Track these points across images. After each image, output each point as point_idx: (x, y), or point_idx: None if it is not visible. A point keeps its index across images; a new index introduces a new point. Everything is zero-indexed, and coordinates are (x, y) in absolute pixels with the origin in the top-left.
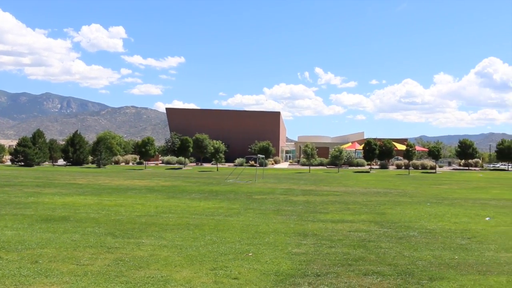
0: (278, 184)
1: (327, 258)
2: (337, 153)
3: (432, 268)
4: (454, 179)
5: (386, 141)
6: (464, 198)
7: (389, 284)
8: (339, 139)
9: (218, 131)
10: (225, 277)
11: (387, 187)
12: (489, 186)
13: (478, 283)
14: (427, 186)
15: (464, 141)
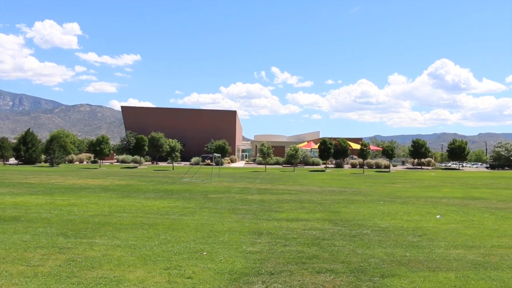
0: (234, 183)
1: (281, 257)
2: (293, 152)
3: (384, 265)
4: (407, 178)
5: (341, 141)
6: (417, 197)
7: (341, 282)
8: (295, 138)
9: (174, 129)
10: (179, 277)
11: (342, 186)
12: (440, 185)
13: (428, 279)
14: (381, 185)
15: (417, 140)
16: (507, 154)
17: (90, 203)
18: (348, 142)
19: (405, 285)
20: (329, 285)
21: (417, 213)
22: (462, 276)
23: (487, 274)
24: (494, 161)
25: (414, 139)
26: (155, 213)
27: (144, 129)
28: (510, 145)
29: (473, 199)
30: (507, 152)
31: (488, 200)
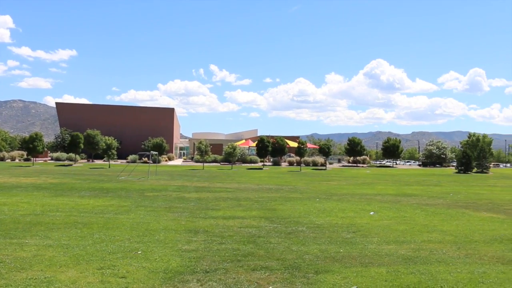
0: (171, 181)
1: (217, 255)
2: (230, 150)
3: (319, 262)
4: (343, 176)
5: (279, 139)
6: (352, 194)
7: (276, 278)
8: (233, 136)
9: (111, 127)
10: (113, 276)
11: (279, 184)
12: (375, 182)
13: (360, 274)
14: (317, 182)
15: (353, 139)
16: (438, 152)
17: (22, 202)
18: (285, 140)
19: (338, 280)
20: (263, 282)
21: (351, 210)
22: (393, 270)
23: (416, 268)
24: (426, 159)
25: (350, 137)
26: (89, 212)
27: (79, 126)
28: (441, 143)
29: (406, 196)
30: (438, 150)
31: (420, 197)
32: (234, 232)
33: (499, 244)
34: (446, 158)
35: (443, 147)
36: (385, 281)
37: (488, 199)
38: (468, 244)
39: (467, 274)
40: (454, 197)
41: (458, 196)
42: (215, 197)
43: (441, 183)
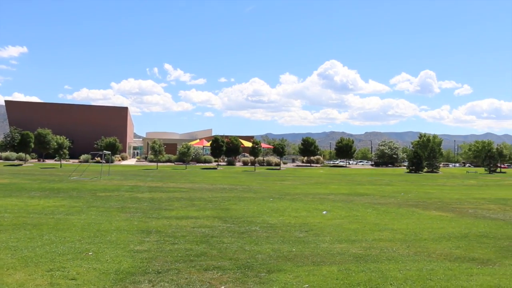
0: (124, 181)
1: (169, 255)
2: (185, 149)
3: (271, 261)
4: (296, 175)
5: (233, 138)
6: (305, 193)
7: (228, 278)
8: (188, 135)
9: (63, 126)
10: (62, 278)
11: (233, 183)
12: (328, 182)
13: (312, 273)
14: (271, 182)
15: (307, 139)
16: (390, 152)
17: None
18: (240, 140)
19: (290, 279)
20: (216, 282)
21: (304, 210)
22: (344, 269)
23: (367, 267)
24: (379, 158)
25: (304, 137)
26: (39, 212)
27: (30, 125)
28: (393, 143)
29: (358, 195)
30: (390, 150)
31: (372, 196)
32: (187, 232)
33: (447, 241)
34: (398, 158)
35: (395, 147)
36: (336, 280)
37: (438, 198)
38: (417, 242)
39: (415, 272)
40: (405, 196)
41: (409, 195)
42: (169, 197)
43: (393, 183)
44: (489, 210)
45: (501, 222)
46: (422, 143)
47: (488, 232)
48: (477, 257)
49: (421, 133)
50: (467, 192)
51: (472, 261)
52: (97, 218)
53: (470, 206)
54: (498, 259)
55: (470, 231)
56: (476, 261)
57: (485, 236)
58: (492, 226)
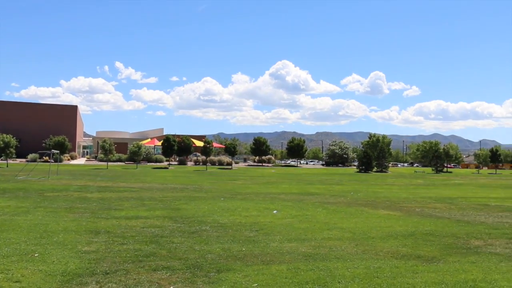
0: (73, 180)
1: (118, 255)
2: (135, 149)
3: (221, 261)
4: (248, 175)
5: (185, 138)
6: (256, 193)
7: (177, 278)
8: (139, 134)
9: (9, 124)
10: (6, 281)
11: (184, 183)
12: (279, 181)
13: (261, 272)
14: (222, 181)
15: (258, 138)
16: (340, 152)
17: None
18: (191, 139)
19: (239, 278)
20: (165, 282)
21: (255, 209)
22: (293, 268)
23: (316, 265)
24: (329, 158)
25: (256, 137)
26: None
27: None
28: (343, 143)
29: (309, 194)
30: (341, 150)
31: (322, 195)
32: (137, 232)
33: (394, 240)
34: (348, 158)
35: (345, 147)
36: (285, 278)
37: (386, 197)
38: (366, 240)
39: (363, 270)
40: (354, 195)
41: (358, 195)
42: (119, 197)
43: (343, 182)
44: (435, 209)
45: (446, 221)
46: (371, 143)
47: (434, 230)
48: (423, 255)
49: (371, 133)
50: (414, 191)
51: (418, 258)
52: (44, 218)
53: (417, 205)
54: (443, 256)
55: (416, 230)
56: (422, 258)
57: (431, 234)
58: (437, 225)
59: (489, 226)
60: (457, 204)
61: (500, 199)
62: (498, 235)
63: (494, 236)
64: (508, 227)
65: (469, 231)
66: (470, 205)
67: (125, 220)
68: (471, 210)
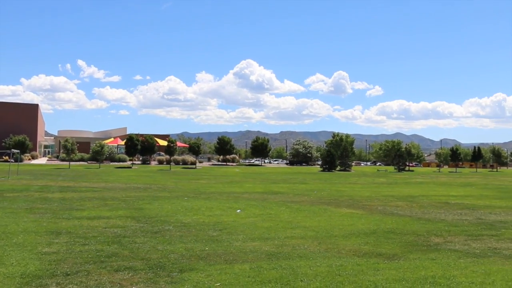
0: (34, 180)
1: (79, 256)
2: (98, 148)
3: (184, 260)
4: (212, 174)
5: (149, 137)
6: (220, 192)
7: (140, 279)
8: (101, 134)
9: None
10: None
11: (148, 183)
12: (243, 181)
13: (224, 271)
14: (186, 181)
15: (223, 138)
16: (304, 151)
17: None
18: (155, 138)
19: (202, 278)
20: (127, 282)
21: (219, 208)
22: (256, 267)
23: (279, 264)
24: (293, 157)
25: (220, 136)
26: None
27: None
28: (307, 143)
29: (272, 193)
30: (305, 149)
31: (286, 194)
32: (99, 233)
33: (356, 238)
34: (312, 157)
35: (309, 146)
36: (248, 277)
37: (349, 195)
38: (328, 239)
39: (325, 268)
40: (318, 194)
41: (322, 193)
42: (81, 197)
43: (307, 181)
44: (397, 207)
45: (408, 218)
46: (335, 142)
47: (395, 228)
48: (384, 252)
49: (335, 133)
50: (377, 189)
51: (379, 256)
52: (3, 219)
53: (379, 203)
54: (404, 253)
55: (378, 228)
56: (383, 256)
57: (392, 232)
58: (399, 222)
59: (449, 224)
60: (418, 202)
61: (460, 197)
62: (457, 232)
63: (454, 233)
64: (467, 224)
65: (430, 228)
66: (431, 203)
67: (87, 221)
68: (432, 208)
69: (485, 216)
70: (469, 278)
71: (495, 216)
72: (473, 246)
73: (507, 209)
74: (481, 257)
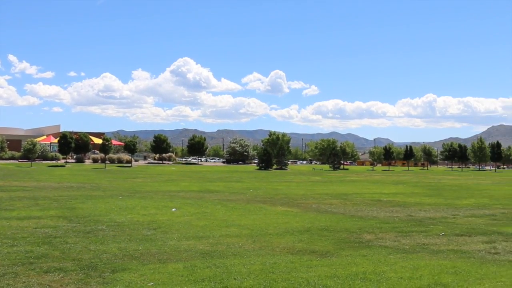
0: None
1: (7, 258)
2: (30, 146)
3: (116, 260)
4: (148, 173)
5: (83, 135)
6: (155, 191)
7: (70, 280)
8: (34, 131)
9: None
10: None
11: (82, 181)
12: (180, 179)
13: (157, 271)
14: (121, 179)
15: (159, 136)
16: (241, 149)
17: None
18: (90, 136)
19: (134, 278)
20: (56, 284)
21: (154, 207)
22: (190, 265)
23: (213, 262)
24: (230, 156)
25: (156, 134)
26: None
27: None
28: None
29: (208, 192)
30: (242, 148)
31: (222, 193)
32: (29, 233)
33: (290, 236)
34: (249, 155)
35: (246, 145)
36: (182, 276)
37: (284, 194)
38: (263, 237)
39: (259, 266)
40: (253, 192)
41: (258, 192)
42: (10, 197)
43: (243, 180)
44: (331, 204)
45: (341, 216)
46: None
47: (329, 226)
48: (318, 250)
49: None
50: (312, 188)
51: (312, 253)
52: None
53: (314, 201)
54: (336, 250)
55: (312, 225)
56: (316, 253)
57: (326, 230)
58: (332, 220)
59: (381, 221)
60: (351, 200)
61: (392, 195)
62: (388, 229)
63: (385, 230)
64: (397, 221)
65: (362, 225)
66: (364, 201)
67: (16, 221)
68: (365, 205)
69: (415, 213)
70: (398, 274)
71: (424, 213)
72: (403, 242)
73: (435, 206)
74: (410, 253)
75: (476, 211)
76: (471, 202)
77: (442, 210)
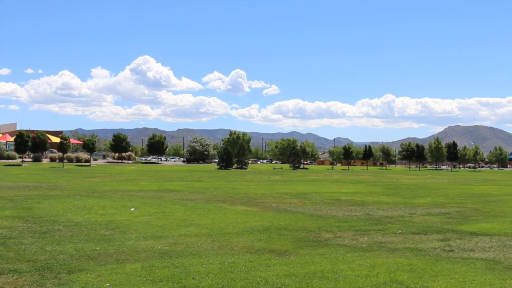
0: None
1: None
2: None
3: (73, 261)
4: (107, 172)
5: (40, 133)
6: (114, 190)
7: (24, 282)
8: None
9: None
10: None
11: (38, 181)
12: (139, 179)
13: (115, 271)
14: (80, 179)
15: (118, 135)
16: (201, 149)
17: None
18: (47, 135)
19: (91, 279)
20: (10, 286)
21: (112, 207)
22: (148, 265)
23: (171, 262)
24: (190, 155)
25: (116, 133)
26: None
27: None
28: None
29: (168, 191)
30: (202, 147)
31: (181, 192)
32: None
33: (250, 235)
34: (209, 155)
35: (206, 144)
36: (139, 277)
37: (244, 193)
38: (222, 236)
39: (218, 265)
40: (213, 192)
41: (218, 191)
42: None
43: (203, 179)
44: (291, 204)
45: (300, 215)
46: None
47: (288, 225)
48: (276, 249)
49: (232, 131)
50: (272, 187)
51: (271, 252)
52: None
53: (274, 201)
54: (295, 249)
55: (271, 224)
56: (275, 252)
57: (285, 229)
58: (291, 219)
59: (339, 220)
60: (311, 199)
61: (351, 194)
62: (346, 228)
63: (343, 228)
64: (356, 220)
65: (321, 224)
66: (323, 200)
67: None
68: (324, 204)
69: (373, 211)
70: (356, 272)
71: (382, 212)
72: (361, 241)
73: (393, 204)
74: (367, 251)
75: (432, 209)
76: (427, 201)
77: (399, 209)
